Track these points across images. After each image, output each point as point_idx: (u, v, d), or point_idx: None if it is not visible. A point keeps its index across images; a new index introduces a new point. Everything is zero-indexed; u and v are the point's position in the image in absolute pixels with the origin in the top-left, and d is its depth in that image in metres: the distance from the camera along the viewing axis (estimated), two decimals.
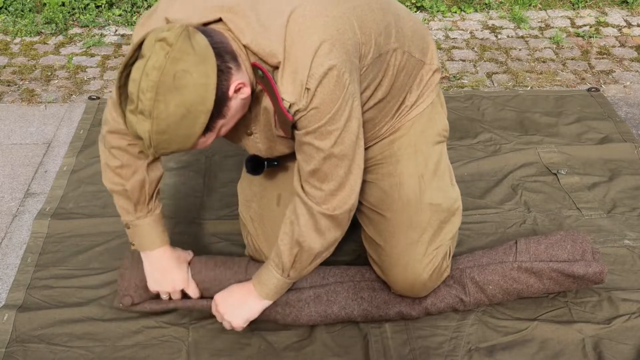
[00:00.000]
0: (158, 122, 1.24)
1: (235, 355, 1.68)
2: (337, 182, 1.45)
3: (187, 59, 1.22)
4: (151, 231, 1.66)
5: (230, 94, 1.30)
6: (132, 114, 1.26)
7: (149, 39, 1.24)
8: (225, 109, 1.31)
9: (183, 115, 1.24)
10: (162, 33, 1.23)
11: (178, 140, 1.28)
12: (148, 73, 1.22)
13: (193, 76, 1.23)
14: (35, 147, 2.48)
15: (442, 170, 1.71)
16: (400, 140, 1.66)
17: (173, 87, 1.22)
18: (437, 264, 1.67)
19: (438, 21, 3.41)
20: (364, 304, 1.71)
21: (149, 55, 1.22)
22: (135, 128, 1.26)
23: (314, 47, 1.31)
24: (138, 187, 1.62)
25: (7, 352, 1.67)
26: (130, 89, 1.25)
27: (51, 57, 3.09)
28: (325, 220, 1.48)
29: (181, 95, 1.22)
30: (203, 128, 1.27)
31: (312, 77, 1.32)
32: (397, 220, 1.66)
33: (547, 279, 1.71)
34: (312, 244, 1.50)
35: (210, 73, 1.24)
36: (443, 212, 1.68)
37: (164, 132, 1.25)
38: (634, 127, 2.56)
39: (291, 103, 1.34)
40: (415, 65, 1.61)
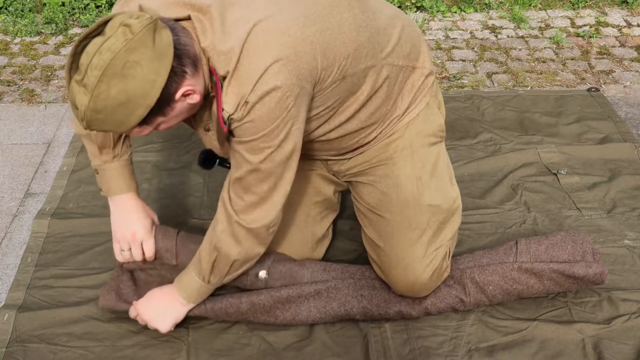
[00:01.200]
0: (96, 101, 1.26)
1: (235, 355, 1.68)
2: (259, 196, 1.47)
3: (142, 51, 1.24)
4: (118, 176, 1.68)
5: (176, 96, 1.32)
6: (77, 84, 1.28)
7: (115, 20, 1.26)
8: (168, 109, 1.33)
9: (122, 103, 1.26)
10: (130, 19, 1.25)
11: (112, 124, 1.30)
12: (102, 52, 1.24)
13: (143, 70, 1.24)
14: (35, 147, 2.48)
15: (440, 170, 1.71)
16: (396, 142, 1.66)
17: (120, 73, 1.24)
18: (437, 264, 1.67)
19: (438, 21, 3.41)
20: (364, 302, 1.71)
21: (110, 36, 1.24)
22: (75, 97, 1.29)
23: (265, 65, 1.31)
24: (102, 133, 1.63)
25: (7, 352, 1.67)
26: (82, 60, 1.27)
27: (51, 57, 3.09)
28: (242, 230, 1.50)
29: (125, 84, 1.24)
30: (139, 120, 1.30)
31: (254, 92, 1.32)
32: (396, 222, 1.66)
33: (548, 280, 1.71)
34: (229, 251, 1.52)
35: (162, 72, 1.26)
36: (442, 212, 1.68)
37: (100, 112, 1.27)
38: (634, 127, 2.56)
39: (230, 114, 1.35)
40: (399, 73, 1.58)
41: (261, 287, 1.71)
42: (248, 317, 1.71)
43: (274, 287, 1.71)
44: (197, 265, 1.58)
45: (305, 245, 1.79)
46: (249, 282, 1.70)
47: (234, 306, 1.69)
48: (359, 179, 1.72)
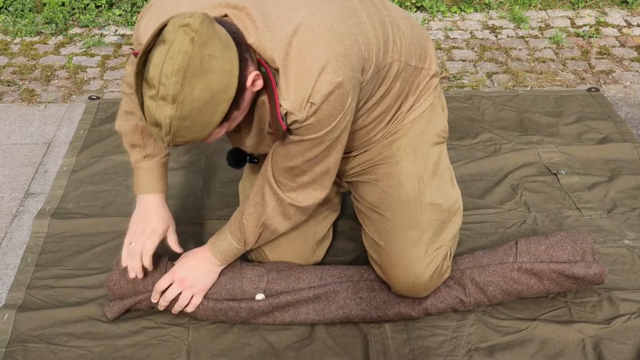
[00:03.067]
0: (182, 107, 1.22)
1: (235, 355, 1.68)
2: (311, 177, 1.49)
3: (213, 43, 1.21)
4: (147, 176, 1.70)
5: (248, 84, 1.30)
6: (152, 100, 1.23)
7: (171, 25, 1.22)
8: (242, 99, 1.31)
9: (207, 102, 1.22)
10: (185, 19, 1.22)
11: (197, 129, 1.26)
12: (173, 57, 1.19)
13: (219, 61, 1.22)
14: (35, 147, 2.48)
15: (442, 170, 1.71)
16: (399, 141, 1.66)
17: (200, 71, 1.20)
18: (438, 264, 1.67)
19: (438, 21, 3.41)
20: (363, 304, 1.71)
21: (173, 40, 1.20)
22: (154, 114, 1.24)
23: (322, 63, 1.32)
24: (131, 130, 1.67)
25: (7, 352, 1.67)
26: (151, 74, 1.22)
27: (51, 57, 3.09)
28: (293, 209, 1.54)
29: (207, 80, 1.21)
30: (222, 117, 1.26)
31: (319, 92, 1.32)
32: (397, 221, 1.66)
33: (548, 280, 1.71)
34: (278, 227, 1.57)
35: (234, 60, 1.24)
36: (443, 212, 1.69)
37: (186, 118, 1.23)
38: (634, 127, 2.56)
39: (288, 111, 1.35)
40: (412, 73, 1.61)
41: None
42: (247, 320, 1.71)
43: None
44: (236, 234, 1.60)
45: (307, 246, 1.79)
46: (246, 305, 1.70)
47: (233, 310, 1.69)
48: (361, 179, 1.72)
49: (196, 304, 1.68)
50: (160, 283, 1.66)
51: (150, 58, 1.23)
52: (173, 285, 1.66)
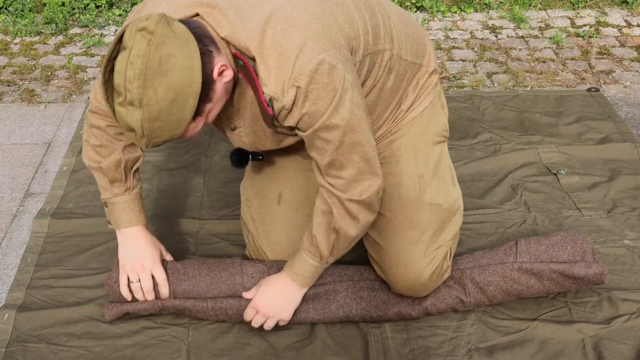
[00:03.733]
0: (149, 109, 1.24)
1: (235, 355, 1.68)
2: (355, 167, 1.46)
3: (169, 42, 1.23)
4: (127, 210, 1.68)
5: (214, 76, 1.31)
6: (121, 106, 1.26)
7: (129, 31, 1.25)
8: (211, 92, 1.32)
9: (172, 99, 1.24)
10: (141, 23, 1.24)
11: (170, 127, 1.28)
12: (132, 62, 1.22)
13: (178, 59, 1.23)
14: (35, 147, 2.48)
15: (443, 170, 1.71)
16: (400, 140, 1.66)
17: (159, 71, 1.22)
18: (438, 264, 1.67)
19: (438, 21, 3.41)
20: (363, 304, 1.71)
21: (132, 45, 1.23)
22: (126, 120, 1.26)
23: (298, 44, 1.31)
24: (114, 166, 1.64)
25: (7, 352, 1.67)
26: (116, 81, 1.25)
27: (51, 57, 3.09)
28: (355, 205, 1.49)
29: (168, 79, 1.23)
30: (193, 111, 1.28)
31: (301, 73, 1.31)
32: (397, 220, 1.66)
33: (548, 280, 1.71)
34: (348, 230, 1.52)
35: (194, 55, 1.25)
36: (443, 211, 1.68)
37: (156, 119, 1.25)
38: (634, 127, 2.56)
39: (271, 97, 1.34)
40: (408, 69, 1.60)
41: None
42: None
43: None
44: (311, 250, 1.57)
45: None
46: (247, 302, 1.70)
47: (234, 308, 1.69)
48: None
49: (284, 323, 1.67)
50: (246, 316, 1.65)
51: (114, 66, 1.26)
52: (258, 316, 1.64)
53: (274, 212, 1.77)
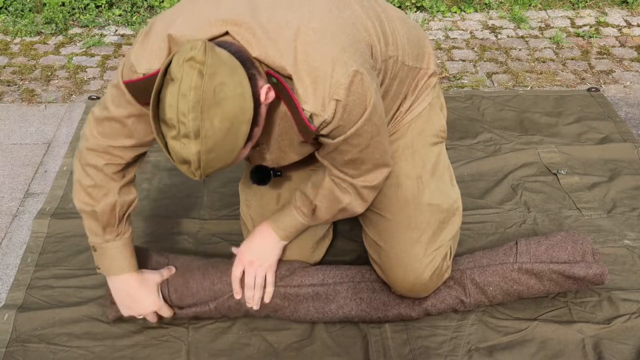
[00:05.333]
0: (206, 141, 1.22)
1: (235, 355, 1.68)
2: (373, 163, 1.50)
3: (220, 71, 1.21)
4: (119, 255, 1.61)
5: (262, 99, 1.30)
6: (175, 140, 1.23)
7: (176, 61, 1.21)
8: (259, 116, 1.31)
9: (228, 129, 1.23)
10: (188, 53, 1.20)
11: (224, 157, 1.26)
12: (185, 94, 1.19)
13: (230, 87, 1.22)
14: (35, 147, 2.48)
15: (441, 170, 1.71)
16: (397, 142, 1.66)
17: (214, 102, 1.20)
18: (438, 264, 1.67)
19: (438, 21, 3.41)
20: (363, 305, 1.71)
21: (181, 77, 1.20)
22: (181, 154, 1.24)
23: (332, 57, 1.32)
24: (108, 210, 1.57)
25: (7, 352, 1.67)
26: (169, 115, 1.21)
27: (51, 57, 3.09)
28: (367, 190, 1.55)
29: (223, 109, 1.21)
30: (245, 138, 1.27)
31: (339, 87, 1.32)
32: (396, 221, 1.66)
33: (548, 281, 1.71)
34: (357, 209, 1.59)
35: (244, 82, 1.24)
36: (442, 212, 1.69)
37: (212, 150, 1.23)
38: (634, 127, 2.56)
39: (312, 113, 1.34)
40: (409, 73, 1.60)
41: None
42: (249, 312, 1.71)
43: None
44: (303, 211, 1.61)
45: (305, 246, 1.79)
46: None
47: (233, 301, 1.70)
48: None
49: (272, 282, 1.68)
50: (235, 272, 1.67)
51: (163, 99, 1.23)
52: (246, 270, 1.67)
53: (273, 212, 1.77)
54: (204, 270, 1.72)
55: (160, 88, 1.24)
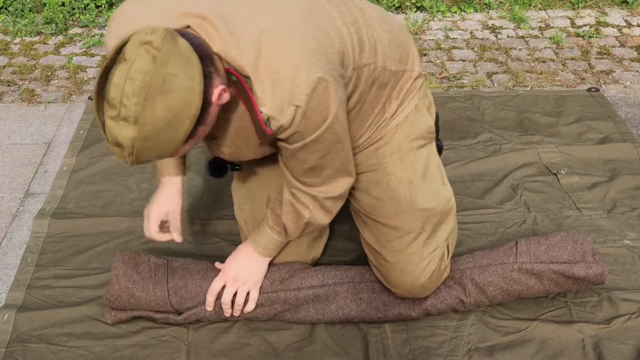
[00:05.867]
0: (143, 129, 1.19)
1: (235, 355, 1.68)
2: (334, 168, 1.48)
3: (174, 61, 1.19)
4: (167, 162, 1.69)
5: (213, 99, 1.27)
6: (113, 120, 1.20)
7: (132, 42, 1.20)
8: (207, 115, 1.28)
9: (169, 121, 1.20)
10: (147, 36, 1.19)
11: (160, 148, 1.24)
12: (133, 77, 1.17)
13: (180, 80, 1.19)
14: (35, 147, 2.48)
15: (432, 172, 1.70)
16: (384, 148, 1.64)
17: (161, 91, 1.18)
18: (435, 266, 1.67)
19: (438, 21, 3.41)
20: (362, 305, 1.71)
21: (134, 59, 1.18)
22: (115, 135, 1.21)
23: (295, 62, 1.29)
24: None
25: (7, 352, 1.67)
26: (112, 94, 1.19)
27: (51, 57, 3.09)
28: (330, 201, 1.53)
29: (168, 100, 1.19)
30: (187, 135, 1.24)
31: (300, 92, 1.29)
32: (391, 226, 1.66)
33: (548, 281, 1.71)
34: (322, 221, 1.58)
35: (196, 77, 1.21)
36: (436, 214, 1.68)
37: (148, 139, 1.21)
38: (634, 127, 2.56)
39: (270, 116, 1.32)
40: (391, 77, 1.57)
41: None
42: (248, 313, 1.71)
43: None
44: (276, 228, 1.61)
45: (300, 246, 1.79)
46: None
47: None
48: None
49: (255, 299, 1.68)
50: (214, 285, 1.66)
51: (111, 77, 1.20)
52: (227, 286, 1.66)
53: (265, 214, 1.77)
54: (204, 273, 1.72)
55: (111, 65, 1.22)
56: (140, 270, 1.70)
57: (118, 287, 1.68)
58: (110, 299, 1.69)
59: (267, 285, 1.70)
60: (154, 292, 1.68)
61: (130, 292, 1.67)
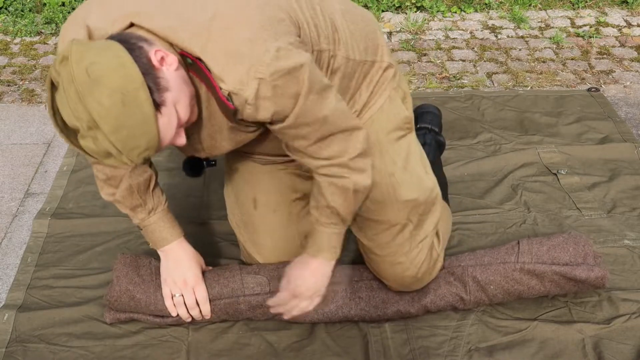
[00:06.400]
0: (106, 122, 1.17)
1: (235, 355, 1.68)
2: (341, 129, 1.43)
3: (87, 55, 1.18)
4: (159, 229, 1.66)
5: (155, 63, 1.24)
6: (84, 139, 1.20)
7: (53, 70, 1.20)
8: (161, 80, 1.24)
9: (122, 101, 1.17)
10: (59, 56, 1.20)
11: (139, 131, 1.20)
12: (66, 91, 1.17)
13: (103, 64, 1.18)
14: (35, 147, 2.48)
15: (413, 163, 1.68)
16: None
17: (90, 83, 1.16)
18: (425, 255, 1.67)
19: (438, 21, 3.41)
20: (362, 304, 1.71)
21: (60, 81, 1.18)
22: (96, 149, 1.21)
23: (248, 37, 1.27)
24: (128, 194, 1.62)
25: (7, 352, 1.67)
26: (67, 120, 1.20)
27: (51, 57, 3.09)
28: (358, 159, 1.47)
29: (104, 85, 1.16)
30: (151, 104, 1.19)
31: (261, 64, 1.26)
32: (376, 221, 1.66)
33: (549, 282, 1.71)
34: (365, 182, 1.49)
35: (120, 53, 1.20)
36: (421, 205, 1.67)
37: (119, 128, 1.18)
38: (634, 127, 2.56)
39: (230, 92, 1.29)
40: (357, 68, 1.55)
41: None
42: (248, 315, 1.71)
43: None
44: (331, 221, 1.52)
45: (292, 243, 1.78)
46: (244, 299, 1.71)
47: (232, 306, 1.70)
48: None
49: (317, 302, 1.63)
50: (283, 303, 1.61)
51: (58, 110, 1.22)
52: (300, 299, 1.59)
53: (253, 217, 1.77)
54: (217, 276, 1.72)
55: (51, 102, 1.23)
56: (141, 273, 1.70)
57: (119, 288, 1.68)
58: (111, 300, 1.69)
59: (264, 284, 1.70)
60: (155, 295, 1.68)
61: (131, 294, 1.68)
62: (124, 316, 1.72)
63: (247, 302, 1.69)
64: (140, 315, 1.72)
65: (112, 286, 1.70)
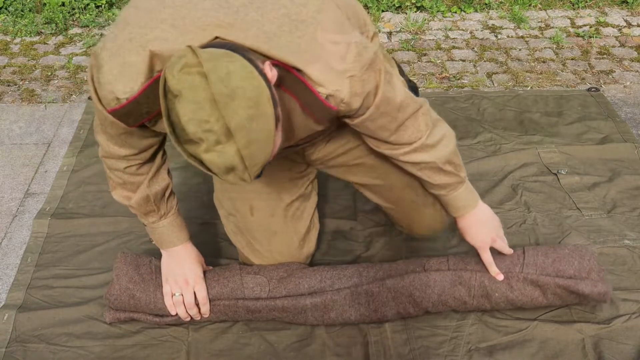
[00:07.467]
0: (241, 135, 1.11)
1: (235, 355, 1.68)
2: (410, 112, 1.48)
3: (219, 63, 1.12)
4: (167, 232, 1.67)
5: (269, 76, 1.20)
6: (209, 152, 1.13)
7: (171, 77, 1.12)
8: (275, 93, 1.21)
9: (255, 115, 1.12)
10: (178, 63, 1.12)
11: (263, 146, 1.16)
12: (197, 101, 1.10)
13: (237, 73, 1.12)
14: (35, 147, 2.48)
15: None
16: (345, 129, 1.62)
17: (229, 93, 1.10)
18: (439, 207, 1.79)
19: (438, 21, 3.41)
20: (361, 309, 1.71)
21: (183, 88, 1.10)
22: (221, 162, 1.14)
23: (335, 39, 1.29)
24: (143, 202, 1.61)
25: (7, 352, 1.67)
26: (191, 131, 1.11)
27: (51, 57, 3.09)
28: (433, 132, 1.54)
29: (240, 96, 1.11)
30: (274, 118, 1.16)
31: (348, 62, 1.29)
32: (390, 183, 1.75)
33: (552, 294, 1.70)
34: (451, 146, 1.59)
35: (245, 62, 1.15)
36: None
37: (250, 143, 1.13)
38: (634, 127, 2.56)
39: (328, 94, 1.30)
40: None
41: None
42: (247, 317, 1.72)
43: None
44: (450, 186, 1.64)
45: (291, 246, 1.79)
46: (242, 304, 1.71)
47: (231, 308, 1.70)
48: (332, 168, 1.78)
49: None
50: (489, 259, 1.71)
51: (177, 119, 1.12)
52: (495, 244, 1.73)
53: (250, 224, 1.77)
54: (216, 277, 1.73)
55: (168, 111, 1.14)
56: (141, 272, 1.70)
57: (119, 287, 1.68)
58: (110, 298, 1.69)
59: (264, 284, 1.70)
60: (155, 295, 1.68)
61: (130, 293, 1.68)
62: (124, 316, 1.72)
63: (246, 306, 1.69)
64: (139, 315, 1.71)
65: (112, 284, 1.69)
